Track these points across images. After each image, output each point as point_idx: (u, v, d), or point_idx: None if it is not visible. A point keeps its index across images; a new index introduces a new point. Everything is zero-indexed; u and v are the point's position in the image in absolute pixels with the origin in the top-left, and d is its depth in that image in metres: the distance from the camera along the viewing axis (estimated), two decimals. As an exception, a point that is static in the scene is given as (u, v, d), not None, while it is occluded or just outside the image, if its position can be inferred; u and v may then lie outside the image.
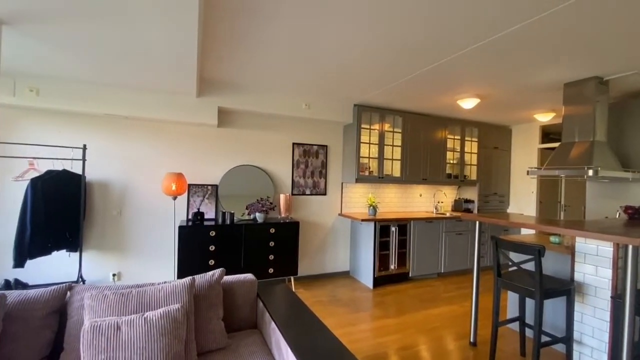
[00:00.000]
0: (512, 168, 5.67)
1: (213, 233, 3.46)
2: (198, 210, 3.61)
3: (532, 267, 2.22)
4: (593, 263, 2.23)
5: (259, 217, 3.80)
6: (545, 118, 4.51)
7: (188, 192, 3.76)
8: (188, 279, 1.59)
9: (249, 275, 1.99)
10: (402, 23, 2.13)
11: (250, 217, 3.93)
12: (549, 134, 5.47)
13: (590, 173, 2.79)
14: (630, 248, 1.81)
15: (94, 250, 3.45)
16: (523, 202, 5.45)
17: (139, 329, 1.31)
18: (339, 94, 3.95)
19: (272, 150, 4.22)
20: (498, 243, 2.43)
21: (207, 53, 2.72)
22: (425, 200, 5.29)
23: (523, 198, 5.46)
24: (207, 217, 3.75)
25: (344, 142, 4.61)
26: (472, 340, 2.74)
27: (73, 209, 3.14)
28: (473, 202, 5.27)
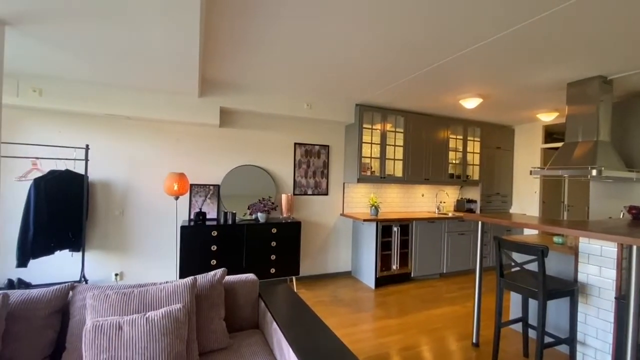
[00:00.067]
0: (514, 168, 5.64)
1: (215, 233, 3.47)
2: (200, 210, 3.62)
3: (535, 267, 2.21)
4: (597, 264, 2.22)
5: (261, 217, 3.80)
6: (548, 118, 4.49)
7: (190, 192, 3.77)
8: (190, 279, 1.59)
9: (251, 275, 1.98)
10: (403, 23, 2.12)
11: (252, 217, 3.93)
12: (552, 134, 5.43)
13: (594, 173, 2.77)
14: (635, 249, 1.79)
15: (97, 250, 3.46)
16: (526, 202, 5.42)
17: (141, 329, 1.31)
18: (341, 94, 3.94)
19: (273, 150, 4.22)
20: (501, 243, 2.41)
21: (209, 53, 2.72)
22: (428, 201, 5.28)
23: (526, 198, 5.43)
24: (209, 217, 3.76)
25: (346, 142, 4.60)
26: (474, 341, 2.73)
27: (76, 209, 3.15)
28: (475, 202, 5.25)
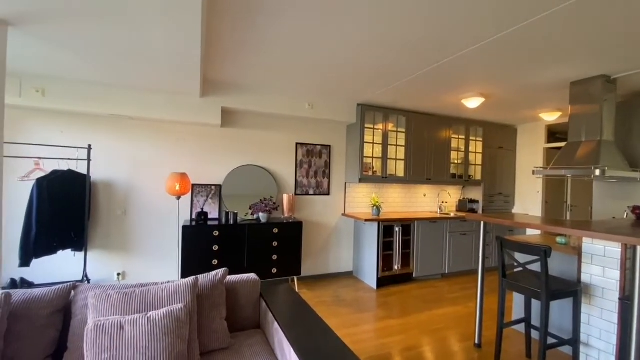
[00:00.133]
0: (517, 168, 5.62)
1: (217, 233, 3.47)
2: (202, 210, 3.62)
3: (538, 268, 2.20)
4: (600, 264, 2.20)
5: (263, 217, 3.80)
6: (551, 117, 4.46)
7: (192, 192, 3.77)
8: (191, 279, 1.59)
9: (252, 275, 1.98)
10: (404, 22, 2.11)
11: (254, 217, 3.93)
12: (555, 134, 5.41)
13: (597, 173, 2.75)
14: (639, 249, 1.78)
15: (99, 250, 3.47)
16: (528, 202, 5.40)
17: (142, 329, 1.31)
18: (342, 94, 3.94)
19: (275, 150, 4.22)
20: (503, 243, 2.40)
21: (210, 53, 2.72)
22: (430, 201, 5.26)
23: (528, 198, 5.40)
24: (210, 217, 3.76)
25: (348, 142, 4.60)
26: (476, 342, 2.72)
27: (78, 209, 3.16)
28: (478, 202, 5.23)
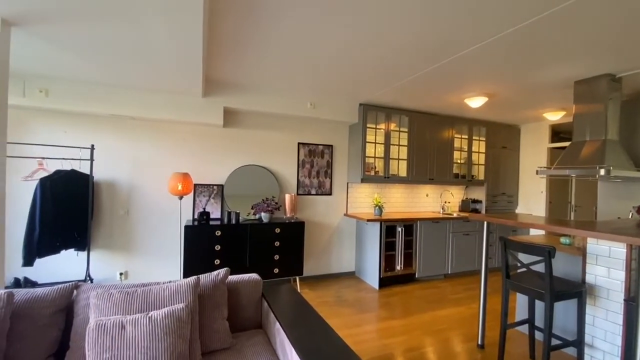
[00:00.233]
0: (520, 168, 5.58)
1: (219, 233, 3.47)
2: (204, 210, 3.63)
3: (541, 268, 2.17)
4: (605, 265, 2.18)
5: (265, 217, 3.80)
6: (555, 117, 4.43)
7: (194, 192, 3.78)
8: (193, 279, 1.59)
9: (254, 275, 1.98)
10: (406, 22, 2.10)
11: (256, 217, 3.93)
12: (559, 133, 5.37)
13: (602, 173, 2.73)
14: (645, 249, 1.75)
15: (102, 250, 3.48)
16: (532, 202, 5.36)
17: (144, 328, 1.31)
18: (344, 94, 3.93)
19: (277, 150, 4.22)
20: (507, 244, 2.38)
21: (212, 53, 2.73)
22: (432, 201, 5.24)
23: (532, 198, 5.37)
24: (212, 216, 3.77)
25: (350, 141, 4.59)
26: (479, 343, 2.70)
27: (81, 209, 3.18)
28: (481, 202, 5.20)
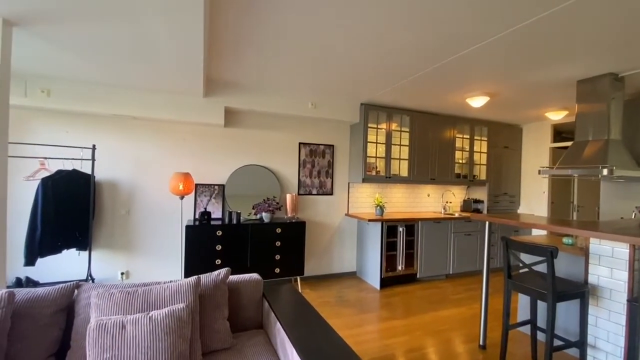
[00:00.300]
0: (522, 168, 5.56)
1: (220, 233, 3.47)
2: (205, 210, 3.63)
3: (544, 269, 2.16)
4: (608, 265, 2.16)
5: (266, 217, 3.80)
6: (557, 116, 4.41)
7: (195, 191, 3.78)
8: (193, 279, 1.59)
9: (255, 275, 1.98)
10: (407, 21, 2.09)
11: (257, 216, 3.93)
12: (561, 133, 5.35)
13: (605, 172, 2.71)
14: (648, 250, 1.74)
15: (103, 249, 3.49)
16: (534, 202, 5.34)
17: (144, 328, 1.31)
18: (345, 93, 3.92)
19: (278, 150, 4.22)
20: (509, 244, 2.37)
21: (213, 53, 2.72)
22: (434, 201, 5.23)
23: (534, 198, 5.34)
24: (214, 216, 3.77)
25: (351, 141, 4.58)
26: (481, 343, 2.69)
27: (82, 208, 3.18)
28: (482, 202, 5.18)
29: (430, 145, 4.74)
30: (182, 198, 3.52)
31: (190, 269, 3.35)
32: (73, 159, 3.19)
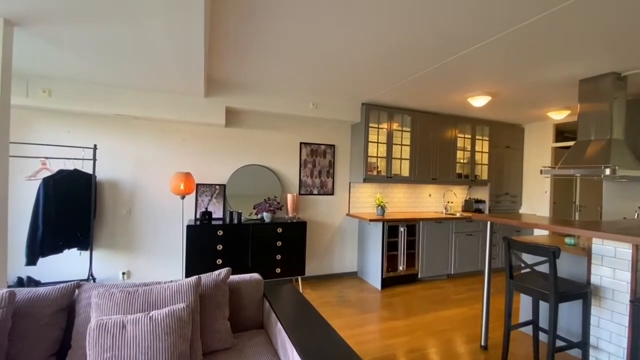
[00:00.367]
0: (524, 167, 5.54)
1: (221, 232, 3.47)
2: (206, 210, 3.63)
3: (546, 269, 2.15)
4: (611, 265, 2.15)
5: (267, 216, 3.79)
6: (560, 116, 4.39)
7: (196, 191, 3.78)
8: (194, 278, 1.59)
9: (256, 275, 1.97)
10: (408, 21, 2.09)
11: (258, 216, 3.93)
12: (564, 133, 5.33)
13: (608, 172, 2.70)
14: (651, 250, 1.73)
15: (104, 249, 3.49)
16: (536, 202, 5.32)
17: (144, 328, 1.30)
18: (346, 93, 3.92)
19: (279, 150, 4.22)
20: (510, 244, 2.36)
21: (214, 53, 2.72)
22: (435, 201, 5.21)
23: (536, 198, 5.32)
24: (214, 216, 3.77)
25: (352, 141, 4.57)
26: (483, 344, 2.68)
27: (84, 208, 3.19)
28: (484, 202, 5.17)
29: (432, 145, 4.72)
30: (183, 198, 3.52)
31: (191, 269, 3.35)
32: (74, 159, 3.19)
